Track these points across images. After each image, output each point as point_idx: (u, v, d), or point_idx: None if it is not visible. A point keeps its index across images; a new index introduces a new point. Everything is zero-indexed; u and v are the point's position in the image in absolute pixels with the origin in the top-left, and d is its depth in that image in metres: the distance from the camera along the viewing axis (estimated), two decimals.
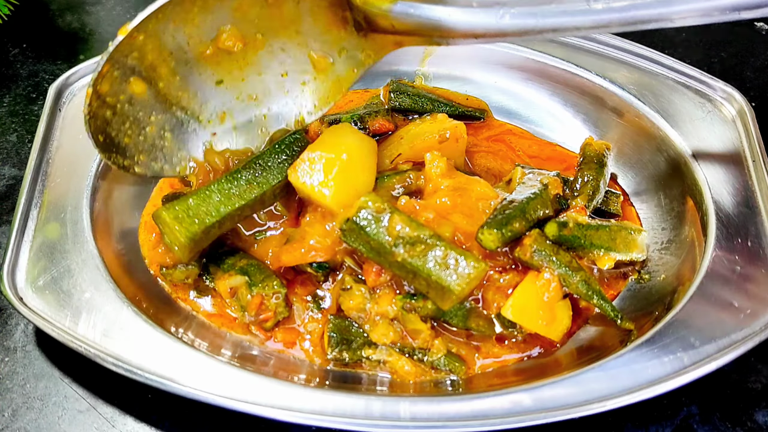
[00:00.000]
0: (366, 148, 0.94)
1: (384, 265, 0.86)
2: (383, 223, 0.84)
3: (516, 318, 0.85)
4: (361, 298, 0.87)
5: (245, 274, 0.89)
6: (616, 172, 1.07)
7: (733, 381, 0.88)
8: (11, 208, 1.04)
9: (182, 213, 0.87)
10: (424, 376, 0.85)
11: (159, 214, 0.87)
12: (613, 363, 0.80)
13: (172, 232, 0.87)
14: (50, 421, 0.84)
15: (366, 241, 0.85)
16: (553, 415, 0.76)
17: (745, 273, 0.88)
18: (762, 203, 0.94)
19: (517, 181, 0.96)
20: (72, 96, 1.05)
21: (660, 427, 0.85)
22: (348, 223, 0.85)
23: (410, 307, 0.86)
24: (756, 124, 1.01)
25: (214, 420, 0.84)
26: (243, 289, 0.89)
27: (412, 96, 1.13)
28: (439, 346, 0.86)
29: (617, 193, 1.03)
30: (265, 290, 0.88)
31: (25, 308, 0.84)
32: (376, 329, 0.86)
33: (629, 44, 1.13)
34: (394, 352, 0.86)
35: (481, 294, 0.87)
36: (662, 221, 1.00)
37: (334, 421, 0.77)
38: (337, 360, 0.86)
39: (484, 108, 1.14)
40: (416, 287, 0.85)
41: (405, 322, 0.87)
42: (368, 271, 0.88)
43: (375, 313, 0.87)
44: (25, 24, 1.33)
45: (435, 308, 0.86)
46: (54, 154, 0.98)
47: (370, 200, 0.85)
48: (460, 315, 0.87)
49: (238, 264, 0.91)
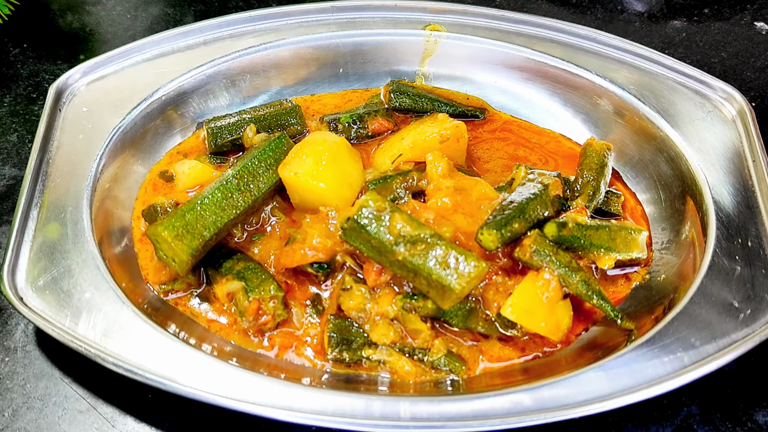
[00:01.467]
0: (346, 144, 0.99)
1: (384, 265, 0.86)
2: (384, 222, 0.84)
3: (516, 318, 0.85)
4: (361, 298, 0.87)
5: (242, 279, 0.89)
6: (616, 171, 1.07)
7: (734, 381, 0.88)
8: (11, 208, 1.04)
9: (182, 230, 0.87)
10: (425, 376, 0.85)
11: (158, 233, 0.87)
12: (613, 363, 0.81)
13: (172, 249, 0.87)
14: (50, 421, 0.84)
15: (367, 239, 0.85)
16: (553, 415, 0.76)
17: (745, 273, 0.88)
18: (762, 203, 0.94)
19: (520, 180, 0.96)
20: (72, 96, 1.05)
21: (660, 427, 0.85)
22: (349, 222, 0.85)
23: (410, 306, 0.86)
24: (756, 124, 1.01)
25: (214, 420, 0.84)
26: (240, 294, 0.89)
27: (413, 96, 1.13)
28: (439, 346, 0.86)
29: (618, 193, 1.03)
30: (262, 294, 0.88)
31: (25, 308, 0.84)
32: (376, 329, 0.86)
33: (629, 44, 1.13)
34: (394, 352, 0.86)
35: (482, 294, 0.87)
36: (662, 221, 1.00)
37: (334, 421, 0.77)
38: (337, 360, 0.86)
39: (484, 107, 1.14)
40: (417, 286, 0.85)
41: (405, 322, 0.87)
42: (368, 271, 0.88)
43: (375, 313, 0.87)
44: (25, 24, 1.33)
45: (435, 308, 0.86)
46: (54, 154, 0.98)
47: (371, 199, 0.85)
48: (460, 315, 0.87)
49: (236, 267, 0.90)
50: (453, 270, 0.82)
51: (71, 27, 1.34)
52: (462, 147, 1.03)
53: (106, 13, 1.37)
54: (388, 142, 1.05)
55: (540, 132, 1.12)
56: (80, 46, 1.30)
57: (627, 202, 1.03)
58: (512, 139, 1.11)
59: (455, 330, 0.88)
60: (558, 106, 1.13)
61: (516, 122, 1.13)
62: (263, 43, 1.12)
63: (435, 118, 1.05)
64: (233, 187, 0.91)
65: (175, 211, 0.89)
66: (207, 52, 1.11)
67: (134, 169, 1.04)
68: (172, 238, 0.86)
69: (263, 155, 0.95)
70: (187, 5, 1.39)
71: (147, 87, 1.06)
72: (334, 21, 1.16)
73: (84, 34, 1.33)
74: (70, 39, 1.32)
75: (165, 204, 0.95)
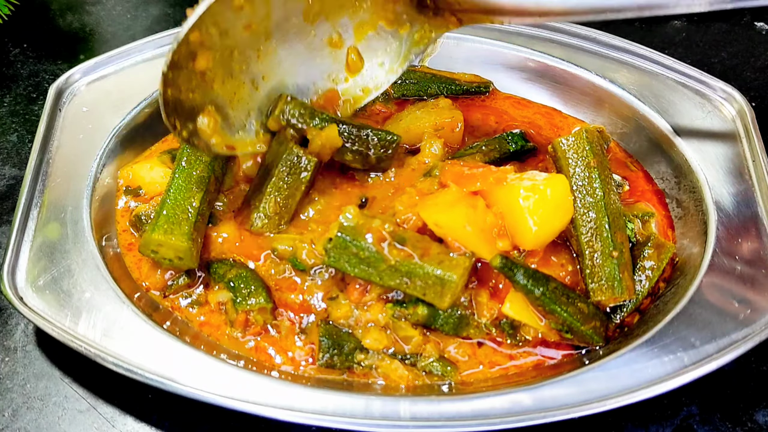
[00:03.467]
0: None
1: (373, 279, 0.84)
2: (367, 231, 0.83)
3: (516, 314, 0.84)
4: (348, 308, 0.87)
5: (232, 289, 0.89)
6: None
7: (734, 381, 0.88)
8: (11, 208, 1.04)
9: (167, 225, 0.88)
10: (417, 380, 0.84)
11: (150, 240, 0.87)
12: (613, 363, 0.81)
13: (170, 247, 0.87)
14: (50, 421, 0.84)
15: (354, 254, 0.83)
16: (553, 415, 0.76)
17: (745, 273, 0.88)
18: (762, 203, 0.94)
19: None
20: (72, 96, 1.05)
21: (660, 427, 0.85)
22: (332, 240, 0.84)
23: (400, 314, 0.86)
24: (756, 124, 1.01)
25: (214, 420, 0.84)
26: (229, 305, 0.89)
27: (417, 82, 1.12)
28: (431, 351, 0.85)
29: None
30: (251, 306, 0.87)
31: (25, 308, 0.84)
32: (368, 335, 0.86)
33: (629, 44, 1.13)
34: (386, 356, 0.85)
35: (473, 299, 0.87)
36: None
37: (334, 421, 0.77)
38: (329, 366, 0.85)
39: (488, 83, 1.14)
40: (410, 293, 0.84)
41: (396, 329, 0.86)
42: (351, 292, 0.87)
43: (365, 321, 0.86)
44: (25, 24, 1.33)
45: (426, 315, 0.85)
46: (54, 154, 0.98)
47: (347, 212, 0.85)
48: (451, 323, 0.86)
49: (228, 275, 0.90)
50: (446, 263, 0.82)
51: (71, 27, 1.34)
52: (457, 136, 1.03)
53: (106, 13, 1.37)
54: (387, 123, 1.06)
55: (541, 109, 1.13)
56: (80, 46, 1.30)
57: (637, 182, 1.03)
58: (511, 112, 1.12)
59: (446, 335, 0.88)
60: (558, 106, 1.13)
61: (518, 99, 1.14)
62: None
63: (437, 104, 1.06)
64: (188, 168, 0.93)
65: (152, 218, 0.90)
66: None
67: None
68: (164, 236, 0.87)
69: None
70: (187, 5, 1.39)
71: (147, 87, 1.06)
72: None
73: (84, 34, 1.33)
74: (70, 39, 1.32)
75: (148, 211, 0.95)
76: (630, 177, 1.03)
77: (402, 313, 0.86)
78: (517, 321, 0.86)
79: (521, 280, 0.82)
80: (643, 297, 0.89)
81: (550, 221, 0.86)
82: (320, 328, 0.87)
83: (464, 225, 0.84)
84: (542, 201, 0.85)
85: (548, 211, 0.85)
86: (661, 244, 0.92)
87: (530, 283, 0.83)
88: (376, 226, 0.84)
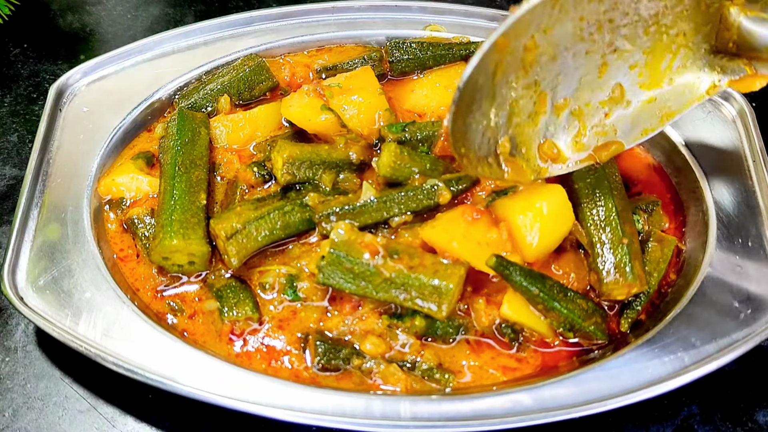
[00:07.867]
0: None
1: (369, 295, 0.83)
2: (360, 245, 0.83)
3: (515, 314, 0.84)
4: (339, 318, 0.86)
5: (219, 298, 0.88)
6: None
7: (734, 381, 0.88)
8: (12, 208, 1.04)
9: (183, 230, 0.88)
10: (415, 384, 0.84)
11: (165, 247, 0.87)
12: (613, 363, 0.81)
13: (186, 251, 0.88)
14: (51, 421, 0.84)
15: (348, 269, 0.83)
16: (553, 415, 0.76)
17: (745, 273, 0.88)
18: (762, 203, 0.94)
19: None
20: (73, 96, 1.05)
21: (661, 427, 0.85)
22: (324, 259, 0.83)
23: (395, 325, 0.85)
24: (756, 124, 1.01)
25: (215, 420, 0.84)
26: (216, 315, 0.88)
27: (416, 56, 1.10)
28: (428, 356, 0.84)
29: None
30: (237, 317, 0.87)
31: (25, 308, 0.84)
32: (366, 340, 0.85)
33: None
34: (383, 361, 0.84)
35: (470, 306, 0.87)
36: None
37: (334, 421, 0.77)
38: (325, 369, 0.84)
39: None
40: (406, 306, 0.83)
41: (392, 338, 0.85)
42: (344, 308, 0.87)
43: (361, 330, 0.86)
44: (25, 24, 1.33)
45: (424, 326, 0.85)
46: (54, 154, 0.98)
47: (338, 228, 0.84)
48: (450, 332, 0.86)
49: (216, 285, 0.89)
50: (441, 272, 0.82)
51: (71, 27, 1.34)
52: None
53: (107, 13, 1.37)
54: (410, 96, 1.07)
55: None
56: (80, 46, 1.30)
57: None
58: None
59: (445, 344, 0.87)
60: None
61: None
62: (263, 44, 1.12)
63: (451, 68, 1.08)
64: (184, 172, 0.93)
65: (161, 224, 0.89)
66: (207, 53, 1.11)
67: None
68: (183, 241, 0.87)
69: (180, 139, 0.96)
70: (187, 5, 1.39)
71: (147, 87, 1.06)
72: (334, 21, 1.16)
73: (84, 34, 1.33)
74: (70, 39, 1.32)
75: (141, 214, 0.94)
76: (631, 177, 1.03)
77: (399, 326, 0.85)
78: (519, 324, 0.86)
79: (517, 278, 0.82)
80: (653, 289, 0.89)
81: (549, 234, 0.86)
82: (315, 334, 0.86)
83: (455, 239, 0.84)
84: (538, 217, 0.85)
85: (546, 226, 0.86)
86: (663, 238, 0.92)
87: (527, 281, 0.83)
88: (368, 240, 0.84)
